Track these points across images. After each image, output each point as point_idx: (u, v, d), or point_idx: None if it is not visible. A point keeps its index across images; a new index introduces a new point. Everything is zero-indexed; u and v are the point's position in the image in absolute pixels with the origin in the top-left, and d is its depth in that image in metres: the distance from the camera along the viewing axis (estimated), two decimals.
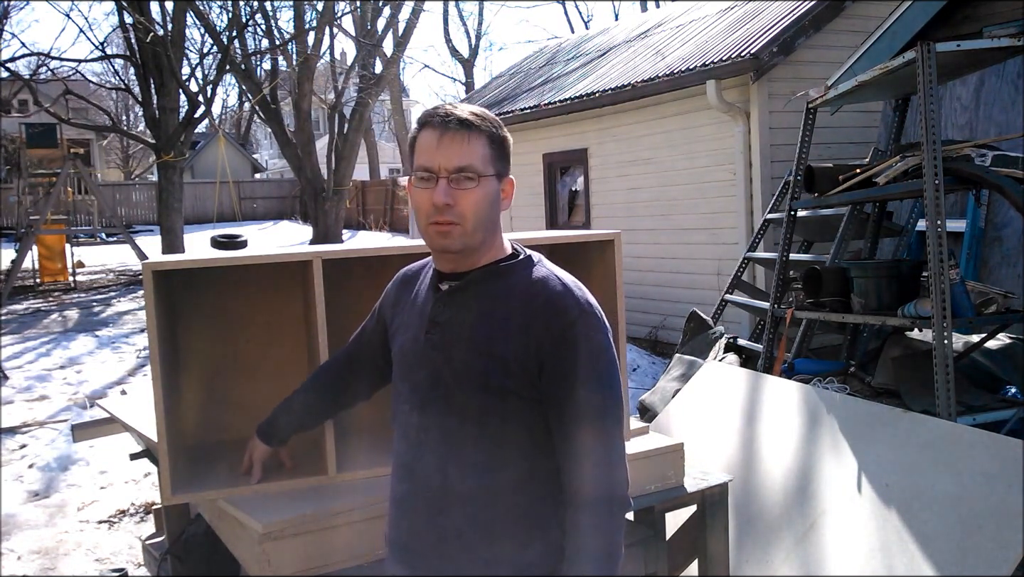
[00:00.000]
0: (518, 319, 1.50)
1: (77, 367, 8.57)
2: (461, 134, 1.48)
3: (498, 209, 1.56)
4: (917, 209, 5.21)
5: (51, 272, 14.98)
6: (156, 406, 2.04)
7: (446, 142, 1.48)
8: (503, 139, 1.55)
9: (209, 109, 18.03)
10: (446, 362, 1.53)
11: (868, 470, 2.87)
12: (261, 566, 1.90)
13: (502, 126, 1.56)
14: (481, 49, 53.47)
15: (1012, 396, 3.98)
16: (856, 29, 6.88)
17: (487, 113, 1.55)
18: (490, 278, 1.55)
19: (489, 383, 1.49)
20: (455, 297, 1.56)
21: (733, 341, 5.64)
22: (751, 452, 3.29)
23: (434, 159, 1.48)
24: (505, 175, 1.57)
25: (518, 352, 1.48)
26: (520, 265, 1.57)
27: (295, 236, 24.04)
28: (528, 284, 1.53)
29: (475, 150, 1.49)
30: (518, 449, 1.52)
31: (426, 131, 1.51)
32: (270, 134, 30.40)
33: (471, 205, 1.49)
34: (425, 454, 1.54)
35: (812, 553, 2.76)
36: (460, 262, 1.55)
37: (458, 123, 1.48)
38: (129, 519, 4.57)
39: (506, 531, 1.52)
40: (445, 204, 1.47)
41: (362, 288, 2.69)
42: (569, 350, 1.48)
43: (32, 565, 4.03)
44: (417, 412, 1.57)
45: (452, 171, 1.47)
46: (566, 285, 1.53)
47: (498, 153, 1.53)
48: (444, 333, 1.55)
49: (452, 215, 1.48)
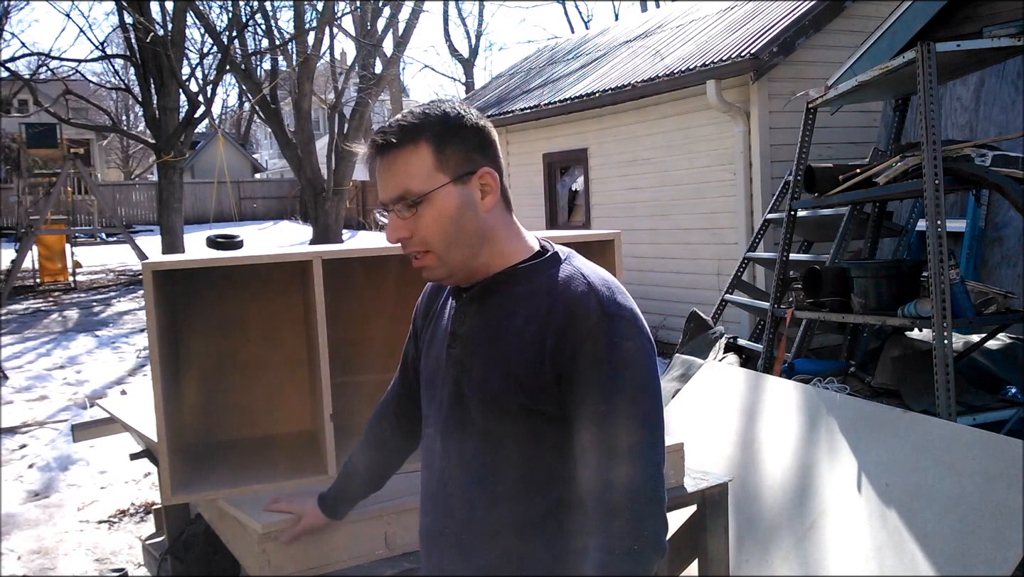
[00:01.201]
0: (534, 327, 1.30)
1: (77, 367, 8.57)
2: (389, 157, 1.30)
3: (475, 214, 1.32)
4: (917, 209, 5.21)
5: (51, 272, 14.99)
6: (156, 406, 2.04)
7: (380, 172, 1.31)
8: (455, 131, 1.30)
9: (209, 109, 18.03)
10: (466, 379, 1.36)
11: (868, 470, 2.87)
12: (261, 566, 1.90)
13: (458, 115, 1.32)
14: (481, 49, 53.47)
15: (1012, 396, 3.98)
16: (856, 29, 6.89)
17: (429, 109, 1.32)
18: (507, 283, 1.36)
19: (509, 402, 1.31)
20: (472, 308, 1.38)
21: (733, 341, 5.64)
22: (751, 452, 3.29)
23: (380, 192, 1.33)
24: (472, 172, 1.31)
25: (534, 366, 1.29)
26: (543, 265, 1.35)
27: (295, 236, 24.04)
28: (549, 286, 1.32)
29: (409, 168, 1.29)
30: (549, 475, 1.33)
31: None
32: (270, 134, 30.38)
33: (429, 229, 1.30)
34: (449, 483, 1.39)
35: (812, 553, 2.76)
36: (469, 277, 1.37)
37: (384, 147, 1.29)
38: (129, 519, 4.57)
39: (542, 567, 1.34)
40: (399, 239, 1.32)
41: (362, 288, 2.69)
42: (589, 360, 1.26)
43: (32, 565, 4.03)
44: (440, 437, 1.41)
45: (393, 202, 1.30)
46: (591, 284, 1.30)
47: (450, 153, 1.29)
48: (463, 347, 1.38)
49: (416, 245, 1.32)
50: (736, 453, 3.33)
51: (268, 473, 2.21)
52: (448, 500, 1.39)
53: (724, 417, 3.57)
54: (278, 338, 2.63)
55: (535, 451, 1.33)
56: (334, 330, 2.18)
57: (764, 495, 3.05)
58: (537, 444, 1.32)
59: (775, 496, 3.02)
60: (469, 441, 1.36)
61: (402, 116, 1.32)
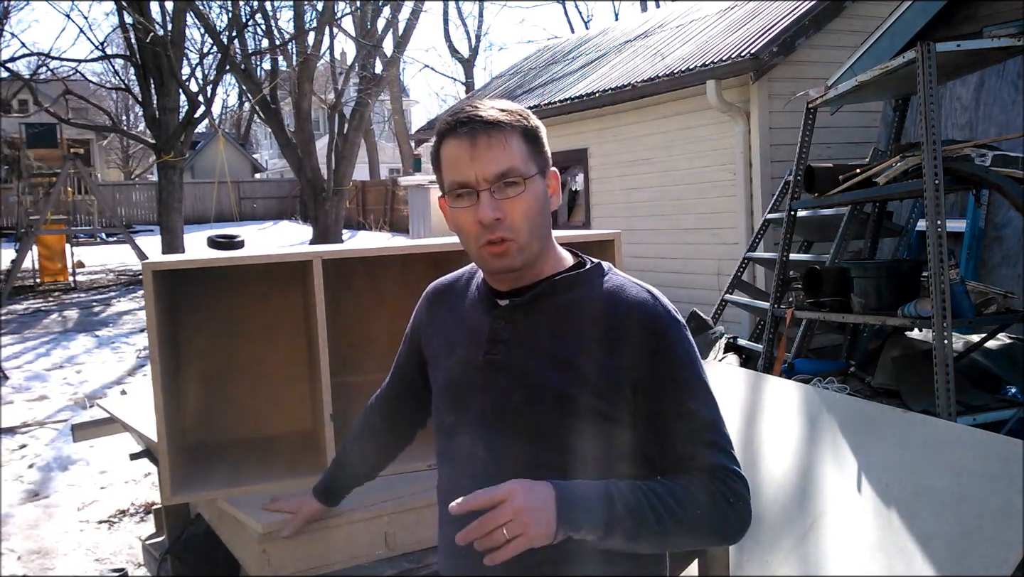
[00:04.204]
0: (600, 333, 1.31)
1: (77, 367, 8.57)
2: (493, 136, 1.28)
3: (549, 210, 1.36)
4: (917, 209, 5.21)
5: (51, 272, 14.99)
6: (156, 406, 2.04)
7: (479, 148, 1.28)
8: (536, 129, 1.35)
9: (209, 109, 18.06)
10: (516, 383, 1.32)
11: (868, 470, 2.87)
12: (261, 566, 1.90)
13: (531, 115, 1.36)
14: (481, 49, 53.51)
15: (1012, 396, 3.98)
16: (856, 29, 6.89)
17: (512, 105, 1.36)
18: (558, 290, 1.36)
19: (575, 404, 1.29)
20: (520, 312, 1.36)
21: (733, 341, 5.64)
22: (751, 452, 3.29)
23: (469, 171, 1.28)
24: (548, 168, 1.37)
25: (608, 370, 1.29)
26: (590, 275, 1.38)
27: (295, 236, 24.04)
28: (608, 295, 1.34)
29: (512, 150, 1.29)
30: (625, 477, 1.30)
31: (451, 141, 1.31)
32: (270, 134, 30.38)
33: (522, 214, 1.29)
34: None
35: (812, 553, 2.76)
36: (520, 278, 1.36)
37: (487, 124, 1.29)
38: (129, 519, 4.57)
39: (624, 567, 1.31)
40: (494, 219, 1.28)
41: (362, 288, 2.70)
42: (668, 364, 1.30)
43: (32, 565, 4.03)
44: (483, 443, 1.35)
45: (493, 180, 1.28)
46: (653, 294, 1.35)
47: (535, 147, 1.34)
48: (511, 351, 1.34)
49: (504, 230, 1.29)
50: (736, 453, 3.33)
51: (268, 473, 2.21)
52: None
53: (724, 417, 3.56)
54: (278, 338, 2.63)
55: (609, 454, 1.31)
56: (334, 330, 2.18)
57: (764, 495, 3.05)
58: (609, 448, 1.31)
59: (775, 496, 3.02)
60: (523, 446, 1.32)
61: (491, 104, 1.33)
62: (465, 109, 1.32)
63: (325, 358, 2.14)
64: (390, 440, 1.74)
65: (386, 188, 26.36)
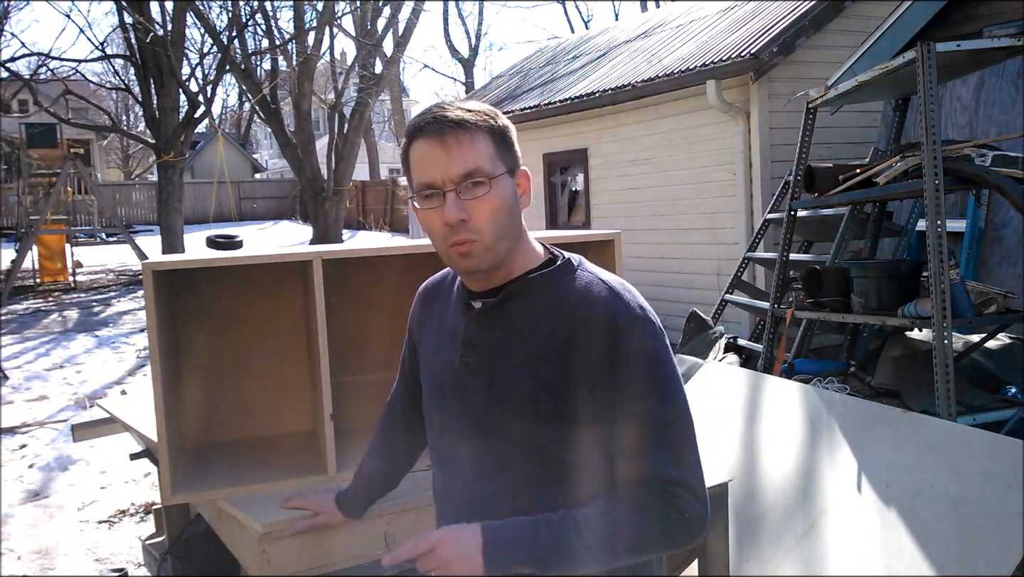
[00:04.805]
0: (562, 334, 1.31)
1: (77, 367, 8.58)
2: (459, 136, 1.29)
3: (518, 210, 1.37)
4: (917, 209, 5.21)
5: (51, 272, 14.99)
6: (156, 406, 2.04)
7: (445, 149, 1.29)
8: (504, 128, 1.35)
9: (209, 109, 18.05)
10: (489, 388, 1.36)
11: (868, 470, 2.87)
12: (261, 566, 1.90)
13: (499, 114, 1.37)
14: (481, 49, 53.50)
15: (1012, 396, 3.98)
16: (856, 29, 6.89)
17: (481, 105, 1.36)
18: (528, 291, 1.37)
19: (541, 409, 1.31)
20: (489, 317, 1.38)
21: (733, 341, 5.64)
22: (751, 452, 3.29)
23: (435, 172, 1.29)
24: (517, 168, 1.37)
25: (567, 372, 1.30)
26: (559, 272, 1.38)
27: (295, 236, 24.04)
28: (570, 293, 1.34)
29: (478, 149, 1.29)
30: (595, 482, 1.33)
31: (418, 142, 1.32)
32: (270, 134, 30.40)
33: (488, 214, 1.30)
34: (485, 486, 1.38)
35: (812, 553, 2.76)
36: (490, 278, 1.38)
37: (453, 124, 1.29)
38: (129, 519, 4.57)
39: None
40: (460, 220, 1.28)
41: (362, 288, 2.69)
42: (623, 363, 1.29)
43: (32, 565, 4.03)
44: (463, 444, 1.40)
45: (458, 180, 1.28)
46: (613, 290, 1.34)
47: (503, 146, 1.34)
48: (482, 356, 1.37)
49: (469, 231, 1.29)
50: (736, 453, 3.33)
51: (268, 473, 2.21)
52: (489, 502, 1.37)
53: (724, 417, 3.57)
54: (278, 338, 2.63)
55: (571, 458, 1.33)
56: (334, 330, 2.17)
57: (764, 495, 3.05)
58: (575, 450, 1.32)
59: (775, 496, 3.02)
60: (500, 449, 1.35)
61: (457, 105, 1.33)
62: (433, 110, 1.33)
63: (325, 358, 2.14)
64: (406, 447, 1.75)
65: (386, 188, 26.36)
